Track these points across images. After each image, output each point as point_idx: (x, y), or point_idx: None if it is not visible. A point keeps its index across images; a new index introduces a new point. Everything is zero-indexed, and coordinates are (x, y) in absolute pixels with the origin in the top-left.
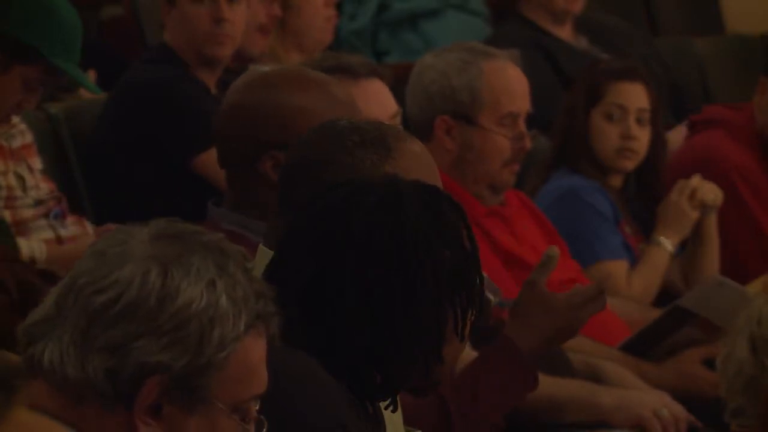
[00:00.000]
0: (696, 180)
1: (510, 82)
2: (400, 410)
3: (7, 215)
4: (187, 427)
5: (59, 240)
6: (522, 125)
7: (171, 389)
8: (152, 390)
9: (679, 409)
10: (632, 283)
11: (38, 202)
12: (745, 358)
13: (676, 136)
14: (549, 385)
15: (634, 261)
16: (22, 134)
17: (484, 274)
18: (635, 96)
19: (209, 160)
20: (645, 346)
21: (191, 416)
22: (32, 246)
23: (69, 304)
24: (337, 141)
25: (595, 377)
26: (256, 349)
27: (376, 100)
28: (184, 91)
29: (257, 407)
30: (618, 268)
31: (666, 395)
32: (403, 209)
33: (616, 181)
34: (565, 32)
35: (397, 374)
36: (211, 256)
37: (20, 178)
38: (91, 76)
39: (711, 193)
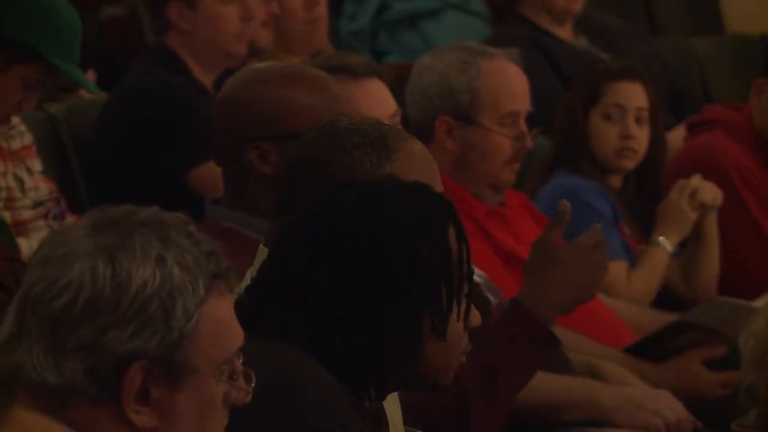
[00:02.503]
0: (696, 180)
1: (509, 81)
2: (399, 410)
3: (7, 216)
4: (178, 404)
5: None
6: (522, 124)
7: (153, 372)
8: (135, 378)
9: (681, 410)
10: (632, 284)
11: (37, 204)
12: (760, 330)
13: (676, 136)
14: (549, 383)
15: (634, 261)
16: (21, 135)
17: (484, 275)
18: (634, 95)
19: (201, 175)
20: (645, 351)
21: (180, 392)
22: (32, 246)
23: (28, 317)
24: (337, 142)
25: (595, 377)
26: (221, 308)
27: (376, 100)
28: (184, 102)
29: (241, 361)
30: (618, 268)
31: (668, 395)
32: (382, 207)
33: (616, 181)
34: (564, 32)
35: (368, 372)
36: (152, 232)
37: (19, 180)
38: (91, 76)
39: (711, 193)
